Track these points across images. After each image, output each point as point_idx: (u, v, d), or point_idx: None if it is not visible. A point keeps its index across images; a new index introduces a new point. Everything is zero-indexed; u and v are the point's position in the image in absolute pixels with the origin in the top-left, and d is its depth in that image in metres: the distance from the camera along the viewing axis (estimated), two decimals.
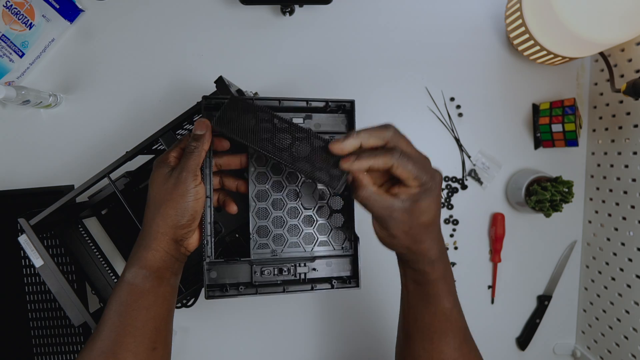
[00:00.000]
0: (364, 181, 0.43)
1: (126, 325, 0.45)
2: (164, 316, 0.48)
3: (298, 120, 0.51)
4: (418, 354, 0.50)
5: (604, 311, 0.74)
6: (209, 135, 0.47)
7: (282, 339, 0.79)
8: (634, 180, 0.67)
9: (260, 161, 0.50)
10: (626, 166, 0.69)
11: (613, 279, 0.72)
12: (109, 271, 0.72)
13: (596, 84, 0.76)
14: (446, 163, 0.78)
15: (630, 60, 0.67)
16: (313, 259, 0.49)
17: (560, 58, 0.67)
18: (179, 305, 0.73)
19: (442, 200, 0.78)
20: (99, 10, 0.75)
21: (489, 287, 0.79)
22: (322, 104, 0.51)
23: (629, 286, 0.68)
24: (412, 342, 0.51)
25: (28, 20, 0.71)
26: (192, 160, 0.45)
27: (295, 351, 0.79)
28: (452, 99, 0.77)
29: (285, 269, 0.49)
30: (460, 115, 0.77)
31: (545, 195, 0.69)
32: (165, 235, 0.45)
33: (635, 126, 0.67)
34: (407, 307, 0.51)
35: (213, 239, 0.48)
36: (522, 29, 0.67)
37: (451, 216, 0.78)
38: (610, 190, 0.72)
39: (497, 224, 0.77)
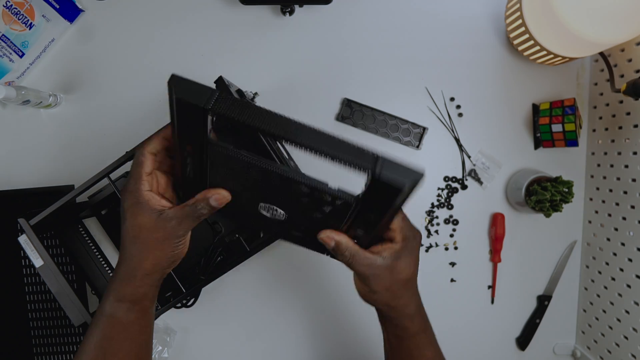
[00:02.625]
0: (347, 244, 0.45)
1: (109, 357, 0.45)
2: (146, 342, 0.48)
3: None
4: None
5: (604, 311, 0.74)
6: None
7: (282, 338, 0.79)
8: (634, 180, 0.67)
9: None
10: (626, 166, 0.69)
11: (613, 279, 0.72)
12: (109, 271, 0.72)
13: (596, 84, 0.76)
14: (446, 163, 0.78)
15: (630, 60, 0.67)
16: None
17: (560, 58, 0.67)
18: (179, 305, 0.73)
19: (443, 200, 0.78)
20: (99, 10, 0.75)
21: (489, 287, 0.79)
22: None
23: (629, 286, 0.68)
24: None
25: (28, 20, 0.71)
26: (193, 223, 0.43)
27: (295, 351, 0.79)
28: (452, 99, 0.77)
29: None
30: (460, 115, 0.77)
31: (545, 195, 0.69)
32: (153, 274, 0.44)
33: (635, 126, 0.67)
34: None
35: None
36: (522, 29, 0.67)
37: (451, 216, 0.78)
38: (610, 190, 0.72)
39: (497, 224, 0.77)
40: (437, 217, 0.78)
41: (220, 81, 0.54)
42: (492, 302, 0.79)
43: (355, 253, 0.45)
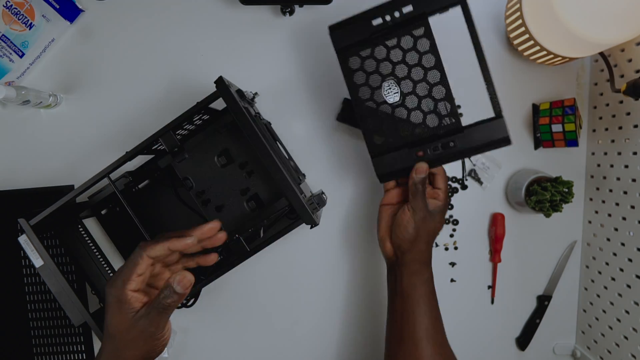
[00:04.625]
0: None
1: None
2: None
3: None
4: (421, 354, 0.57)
5: (604, 311, 0.74)
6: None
7: (282, 338, 0.79)
8: (634, 180, 0.67)
9: None
10: (626, 166, 0.69)
11: (613, 279, 0.72)
12: (109, 271, 0.72)
13: (596, 84, 0.76)
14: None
15: (630, 60, 0.67)
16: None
17: (560, 58, 0.67)
18: (179, 305, 0.73)
19: None
20: (99, 10, 0.75)
21: (489, 287, 0.79)
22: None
23: (629, 286, 0.68)
24: (411, 346, 0.58)
25: (28, 20, 0.71)
26: (167, 316, 0.44)
27: (295, 351, 0.79)
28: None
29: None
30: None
31: (545, 195, 0.69)
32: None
33: (635, 126, 0.67)
34: (404, 313, 0.59)
35: None
36: (522, 29, 0.67)
37: (451, 216, 0.78)
38: (610, 190, 0.72)
39: (497, 224, 0.77)
40: None
41: (220, 81, 0.54)
42: (492, 302, 0.79)
43: (425, 189, 0.58)
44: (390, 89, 0.59)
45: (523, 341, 0.79)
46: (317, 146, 0.77)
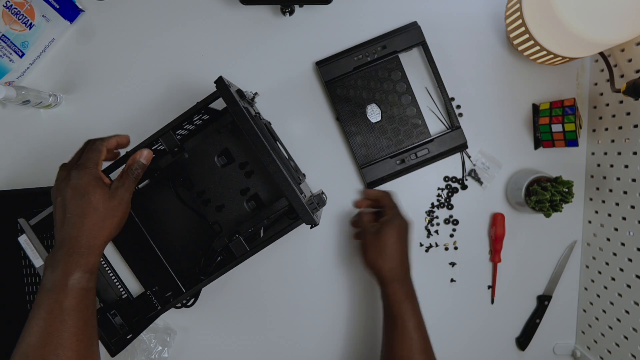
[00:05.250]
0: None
1: (90, 328, 0.49)
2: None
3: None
4: None
5: (604, 311, 0.74)
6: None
7: (282, 339, 0.79)
8: (634, 180, 0.67)
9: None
10: (626, 166, 0.69)
11: (613, 279, 0.72)
12: (109, 271, 0.72)
13: (596, 84, 0.76)
14: (446, 163, 0.78)
15: (630, 60, 0.67)
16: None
17: (560, 58, 0.67)
18: (179, 305, 0.73)
19: (443, 200, 0.78)
20: (99, 10, 0.75)
21: (489, 287, 0.79)
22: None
23: (629, 286, 0.68)
24: None
25: (28, 20, 0.71)
26: (134, 184, 0.52)
27: (295, 351, 0.79)
28: (452, 99, 0.77)
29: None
30: (460, 115, 0.77)
31: (545, 195, 0.69)
32: (107, 241, 0.51)
33: (635, 126, 0.67)
34: (394, 332, 0.63)
35: None
36: (522, 29, 0.67)
37: (451, 216, 0.78)
38: (610, 190, 0.72)
39: (497, 224, 0.77)
40: (437, 217, 0.78)
41: (220, 81, 0.54)
42: (492, 302, 0.79)
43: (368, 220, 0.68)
44: (372, 111, 0.74)
45: (523, 341, 0.79)
46: (317, 146, 0.77)
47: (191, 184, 0.62)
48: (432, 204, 0.78)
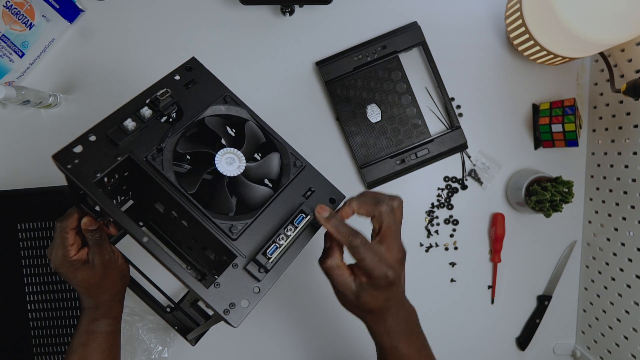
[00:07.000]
0: (334, 254, 0.47)
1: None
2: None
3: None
4: None
5: (604, 311, 0.74)
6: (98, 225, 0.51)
7: (282, 339, 0.79)
8: (634, 180, 0.67)
9: None
10: (626, 166, 0.69)
11: (613, 279, 0.72)
12: None
13: (596, 84, 0.76)
14: (446, 163, 0.78)
15: (630, 60, 0.67)
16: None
17: (560, 58, 0.67)
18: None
19: (443, 201, 0.78)
20: (99, 10, 0.75)
21: (489, 287, 0.79)
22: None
23: (629, 286, 0.68)
24: None
25: (28, 20, 0.71)
26: (100, 247, 0.51)
27: (294, 352, 0.79)
28: (452, 99, 0.77)
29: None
30: (460, 115, 0.77)
31: (545, 195, 0.69)
32: (116, 296, 0.56)
33: (635, 126, 0.67)
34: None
35: None
36: (522, 29, 0.67)
37: (451, 216, 0.78)
38: (610, 190, 0.72)
39: (497, 224, 0.77)
40: (437, 217, 0.78)
41: (193, 61, 0.53)
42: (492, 302, 0.79)
43: (337, 265, 0.48)
44: (372, 111, 0.73)
45: (523, 341, 0.79)
46: (317, 146, 0.77)
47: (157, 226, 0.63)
48: (432, 204, 0.78)
